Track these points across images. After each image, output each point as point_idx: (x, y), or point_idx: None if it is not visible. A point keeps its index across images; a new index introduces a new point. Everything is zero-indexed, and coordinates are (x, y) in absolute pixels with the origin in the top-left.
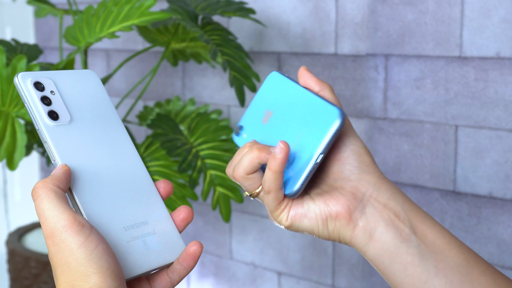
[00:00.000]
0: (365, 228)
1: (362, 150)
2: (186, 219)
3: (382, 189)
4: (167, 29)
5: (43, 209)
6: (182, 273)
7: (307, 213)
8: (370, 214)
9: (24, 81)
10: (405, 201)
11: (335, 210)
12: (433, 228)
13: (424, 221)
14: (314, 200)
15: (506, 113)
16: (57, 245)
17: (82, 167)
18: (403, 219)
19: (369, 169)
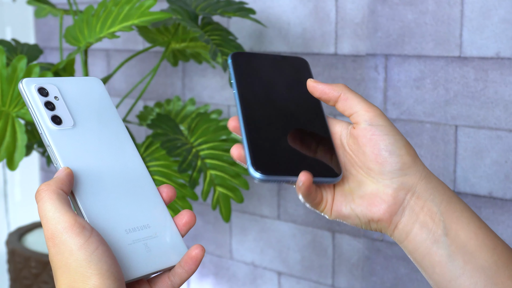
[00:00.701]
0: (403, 229)
1: (403, 151)
2: (188, 223)
3: (422, 190)
4: (167, 29)
5: (45, 210)
6: (184, 276)
7: (350, 215)
8: (408, 216)
9: (28, 87)
10: (443, 201)
11: (377, 216)
12: (466, 228)
13: (459, 220)
14: (356, 203)
15: (506, 113)
16: (58, 246)
17: (85, 171)
18: (437, 220)
19: (410, 170)
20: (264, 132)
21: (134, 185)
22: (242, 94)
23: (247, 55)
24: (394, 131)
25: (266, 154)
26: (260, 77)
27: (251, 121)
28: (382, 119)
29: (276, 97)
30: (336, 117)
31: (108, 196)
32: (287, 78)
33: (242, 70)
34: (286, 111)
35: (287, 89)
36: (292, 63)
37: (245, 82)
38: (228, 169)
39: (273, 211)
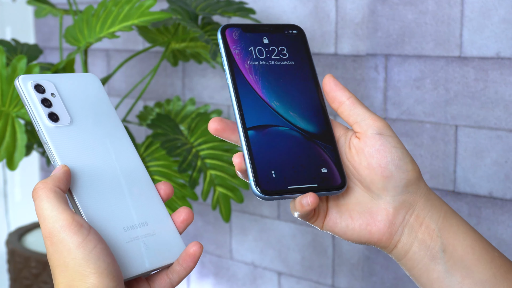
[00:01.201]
0: (402, 248)
1: (410, 167)
2: (186, 220)
3: (421, 208)
4: (167, 29)
5: (42, 209)
6: (182, 274)
7: (345, 233)
8: (407, 235)
9: (24, 84)
10: (440, 217)
11: (377, 237)
12: (463, 242)
13: (456, 235)
14: (353, 220)
15: (506, 113)
16: (55, 245)
17: (82, 168)
18: (435, 237)
19: (413, 188)
20: (266, 143)
21: (131, 183)
22: (239, 91)
23: (238, 30)
24: (402, 144)
25: (270, 170)
26: (257, 62)
27: (251, 130)
28: (390, 131)
29: (276, 88)
30: (335, 118)
31: (106, 194)
32: (285, 58)
33: (235, 53)
34: (288, 109)
35: (286, 74)
36: (288, 35)
37: (240, 70)
38: (228, 169)
39: (273, 211)
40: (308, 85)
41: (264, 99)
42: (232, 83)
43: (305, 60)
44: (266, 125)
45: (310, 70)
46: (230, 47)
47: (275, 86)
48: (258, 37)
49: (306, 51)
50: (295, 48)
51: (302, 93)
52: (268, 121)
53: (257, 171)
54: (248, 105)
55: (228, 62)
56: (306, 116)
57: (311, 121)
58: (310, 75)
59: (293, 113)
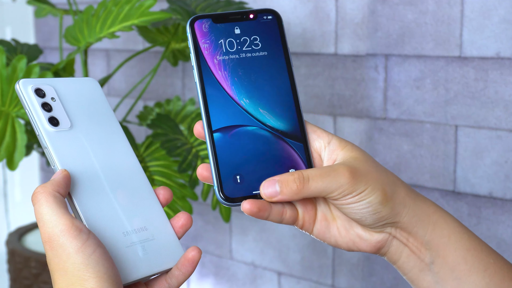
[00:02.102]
0: (391, 258)
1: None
2: (185, 225)
3: (406, 224)
4: (167, 29)
5: (41, 213)
6: (181, 278)
7: (336, 245)
8: (395, 246)
9: (25, 88)
10: (428, 229)
11: (364, 251)
12: (454, 253)
13: (446, 246)
14: (341, 236)
15: (506, 113)
16: (55, 249)
17: (82, 173)
18: (424, 249)
19: (390, 219)
20: (232, 147)
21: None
22: (206, 91)
23: (208, 21)
24: (367, 194)
25: (234, 176)
26: (226, 56)
27: (217, 133)
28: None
29: (246, 84)
30: (335, 117)
31: (106, 198)
32: (257, 48)
33: (203, 47)
34: (258, 106)
35: (258, 67)
36: (262, 21)
37: (208, 66)
38: None
39: None
40: (281, 78)
41: (232, 97)
42: (199, 82)
43: (279, 49)
44: (234, 126)
45: (284, 61)
46: (199, 41)
47: (245, 82)
48: (229, 27)
49: (281, 38)
50: (269, 36)
51: (274, 88)
52: (236, 122)
53: (221, 178)
54: (215, 105)
55: (196, 58)
56: (277, 114)
57: (282, 119)
58: (284, 66)
59: (263, 111)
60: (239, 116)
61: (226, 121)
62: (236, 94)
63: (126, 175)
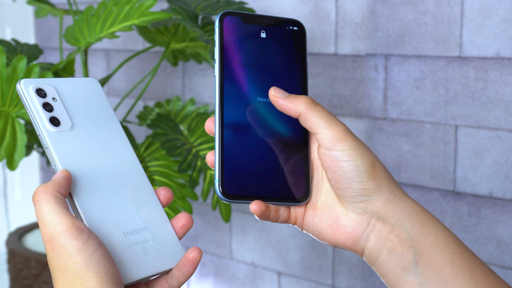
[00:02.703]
0: (370, 254)
1: (365, 177)
2: (185, 226)
3: (388, 215)
4: (167, 29)
5: (42, 213)
6: (181, 279)
7: (318, 235)
8: (374, 241)
9: (26, 88)
10: (414, 226)
11: (341, 242)
12: (441, 255)
13: (432, 247)
14: (323, 224)
15: (506, 113)
16: (56, 249)
17: (83, 173)
18: (407, 246)
19: (374, 196)
20: (238, 145)
21: (132, 188)
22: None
23: (237, 19)
24: (356, 155)
25: (236, 174)
26: (249, 56)
27: (227, 129)
28: (343, 143)
29: (262, 87)
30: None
31: (107, 199)
32: (279, 55)
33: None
34: (269, 110)
35: (276, 73)
36: (288, 30)
37: (231, 62)
38: None
39: None
40: (295, 87)
41: (248, 96)
42: (219, 75)
43: (298, 60)
44: (245, 124)
45: (301, 72)
46: (225, 37)
47: (262, 84)
48: (256, 29)
49: (302, 50)
50: (291, 46)
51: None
52: (247, 122)
53: (224, 173)
54: (230, 101)
55: (220, 52)
56: (284, 120)
57: (288, 125)
58: (300, 76)
59: (272, 115)
60: (251, 118)
61: (238, 120)
62: (252, 94)
63: (127, 175)
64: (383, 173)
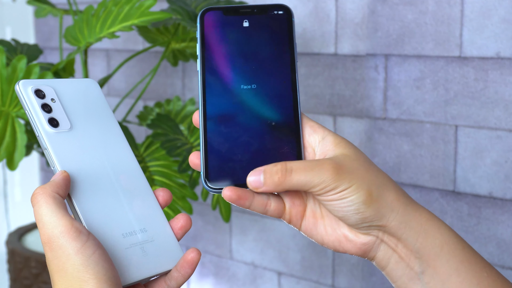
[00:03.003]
0: (379, 263)
1: (362, 208)
2: (184, 227)
3: (394, 229)
4: (167, 29)
5: (41, 214)
6: (180, 280)
7: (322, 243)
8: (383, 251)
9: (25, 89)
10: (418, 237)
11: (352, 252)
12: (446, 264)
13: (438, 257)
14: (327, 234)
15: (506, 113)
16: (55, 251)
17: (82, 174)
18: (414, 257)
19: (375, 221)
20: (223, 135)
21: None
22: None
23: (218, 13)
24: (350, 192)
25: (222, 164)
26: (232, 48)
27: (211, 120)
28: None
29: (248, 77)
30: (335, 117)
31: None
32: (264, 43)
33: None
34: (255, 100)
35: (262, 62)
36: (272, 16)
37: (212, 56)
38: None
39: None
40: (283, 73)
41: (231, 88)
42: (200, 69)
43: (285, 44)
44: (228, 115)
45: (289, 57)
46: (206, 32)
47: (246, 73)
48: (238, 20)
49: (289, 34)
50: (277, 31)
51: (275, 81)
52: (232, 111)
53: (208, 164)
54: (213, 94)
55: (201, 47)
56: (274, 106)
57: (278, 111)
58: (288, 62)
59: (260, 103)
60: (235, 106)
61: (221, 110)
62: (236, 85)
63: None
64: (380, 196)
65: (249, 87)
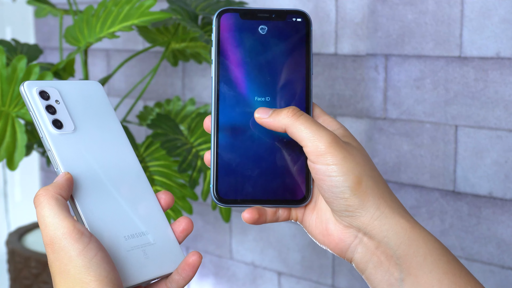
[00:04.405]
0: (358, 266)
1: (348, 194)
2: (186, 230)
3: (375, 232)
4: (167, 29)
5: (43, 216)
6: (181, 283)
7: (312, 236)
8: (361, 254)
9: (29, 90)
10: (401, 243)
11: (331, 248)
12: (429, 274)
13: (420, 266)
14: (316, 227)
15: (506, 113)
16: (57, 252)
17: (85, 176)
18: (394, 263)
19: (358, 212)
20: (234, 147)
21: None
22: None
23: (235, 15)
24: (340, 170)
25: (232, 178)
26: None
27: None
28: (327, 157)
29: (261, 86)
30: (335, 117)
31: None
32: (280, 50)
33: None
34: None
35: (277, 70)
36: (290, 23)
37: (228, 61)
38: None
39: None
40: (298, 83)
41: (246, 97)
42: (215, 77)
43: (302, 53)
44: (240, 126)
45: (304, 67)
46: (222, 36)
47: (261, 82)
48: (255, 25)
49: (306, 42)
50: (294, 38)
51: (288, 94)
52: (243, 122)
53: (218, 178)
54: (227, 103)
55: (216, 52)
56: None
57: None
58: (303, 73)
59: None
60: (248, 117)
61: (234, 120)
62: (250, 94)
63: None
64: (370, 189)
65: (263, 99)
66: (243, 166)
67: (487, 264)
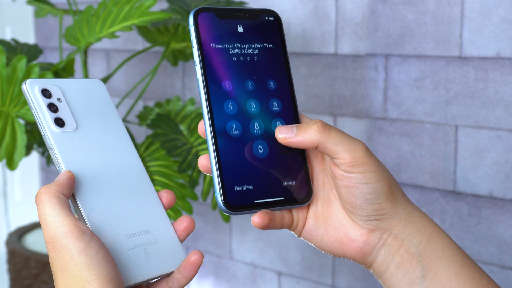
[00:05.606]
0: (378, 268)
1: (382, 199)
2: (187, 229)
3: (399, 232)
4: (167, 29)
5: (45, 214)
6: (182, 282)
7: (320, 246)
8: (384, 256)
9: (31, 88)
10: (422, 240)
11: (350, 256)
12: (447, 269)
13: (439, 261)
14: (328, 235)
15: (506, 113)
16: (58, 250)
17: (86, 174)
18: (415, 261)
19: (387, 215)
20: (234, 152)
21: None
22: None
23: (212, 15)
24: (375, 177)
25: (237, 185)
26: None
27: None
28: (364, 166)
29: (247, 85)
30: (335, 117)
31: (110, 200)
32: (259, 49)
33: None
34: (258, 109)
35: (259, 68)
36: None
37: (212, 62)
38: None
39: None
40: (280, 79)
41: (235, 96)
42: (202, 78)
43: (279, 51)
44: (236, 129)
45: (283, 62)
46: (202, 35)
47: (247, 81)
48: (232, 24)
49: (281, 40)
50: (269, 37)
51: (273, 90)
52: (238, 124)
53: (225, 186)
54: (218, 105)
55: (199, 53)
56: (276, 117)
57: (280, 119)
58: (284, 68)
59: (263, 114)
60: (241, 118)
61: (228, 123)
62: (238, 93)
63: (130, 178)
64: (398, 192)
65: (252, 96)
66: (246, 169)
67: (487, 264)
